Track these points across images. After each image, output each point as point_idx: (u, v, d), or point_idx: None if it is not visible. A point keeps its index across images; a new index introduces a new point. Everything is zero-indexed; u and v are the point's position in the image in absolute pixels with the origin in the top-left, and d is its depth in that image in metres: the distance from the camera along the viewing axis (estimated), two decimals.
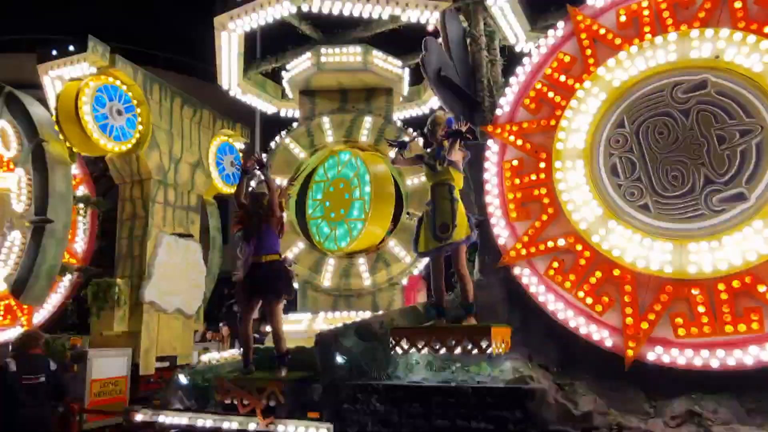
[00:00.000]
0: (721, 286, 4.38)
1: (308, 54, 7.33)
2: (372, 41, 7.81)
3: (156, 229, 8.27)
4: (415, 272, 7.79)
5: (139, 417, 6.16)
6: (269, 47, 8.36)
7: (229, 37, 7.11)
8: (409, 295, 9.26)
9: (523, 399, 4.42)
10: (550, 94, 5.45)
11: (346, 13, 6.62)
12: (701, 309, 4.41)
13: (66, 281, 8.33)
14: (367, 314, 6.78)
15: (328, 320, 6.99)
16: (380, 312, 6.53)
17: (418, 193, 7.42)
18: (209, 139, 9.74)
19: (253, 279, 5.70)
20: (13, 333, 7.99)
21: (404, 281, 7.71)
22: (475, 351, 4.66)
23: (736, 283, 4.34)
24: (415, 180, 7.52)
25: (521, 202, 5.45)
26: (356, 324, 5.45)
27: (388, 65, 7.62)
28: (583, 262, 4.97)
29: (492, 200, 5.56)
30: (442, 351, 4.81)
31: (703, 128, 4.71)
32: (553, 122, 5.37)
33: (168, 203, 8.60)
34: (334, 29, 7.62)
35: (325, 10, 6.59)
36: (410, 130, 7.74)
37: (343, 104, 7.86)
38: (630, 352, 4.62)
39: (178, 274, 8.42)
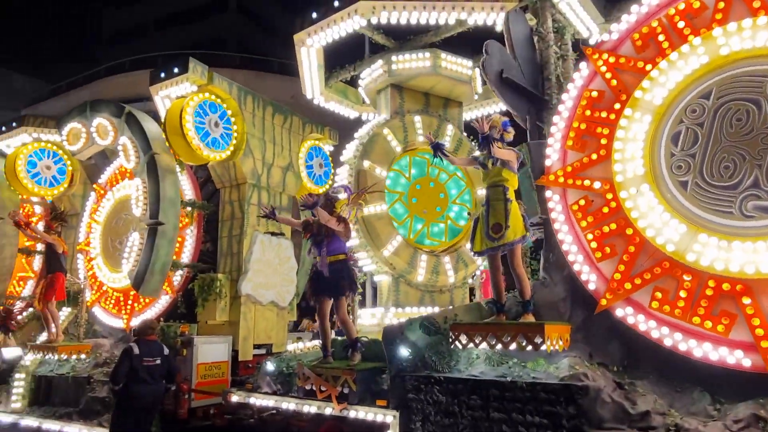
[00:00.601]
0: (711, 283, 4.52)
1: (380, 62, 7.72)
2: (445, 44, 8.07)
3: (251, 228, 9.12)
4: None
5: (234, 398, 6.96)
6: (349, 55, 8.83)
7: (308, 52, 7.69)
8: (486, 290, 9.43)
9: (576, 396, 4.53)
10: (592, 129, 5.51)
11: (413, 21, 6.93)
12: (683, 294, 4.61)
13: (178, 276, 9.41)
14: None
15: (398, 315, 7.41)
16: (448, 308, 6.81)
17: None
18: (299, 143, 10.45)
19: (320, 279, 6.26)
20: (161, 304, 9.28)
21: (478, 276, 7.94)
22: (530, 347, 4.83)
23: (726, 286, 4.45)
24: None
25: (582, 136, 5.58)
26: (421, 318, 5.79)
27: (458, 66, 7.81)
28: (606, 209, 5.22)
29: (569, 247, 5.48)
30: (498, 346, 5.02)
31: None
32: (603, 152, 5.39)
33: (262, 205, 9.42)
34: (406, 36, 7.94)
35: (393, 21, 6.95)
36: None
37: (426, 107, 8.20)
38: (603, 302, 5.02)
39: (271, 269, 9.22)
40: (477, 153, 5.83)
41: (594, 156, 5.44)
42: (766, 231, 4.42)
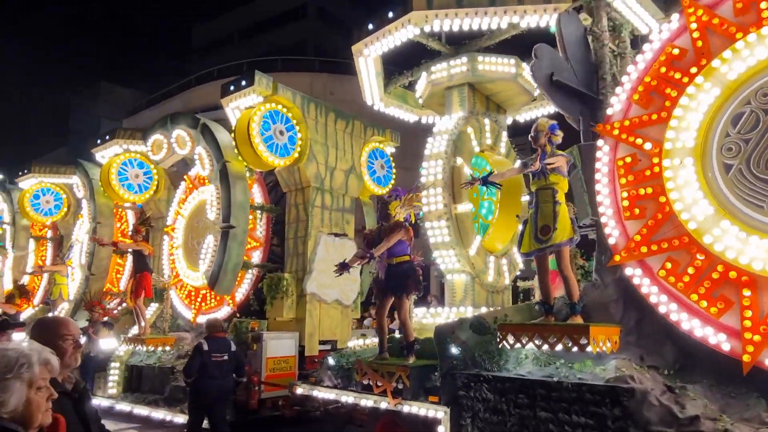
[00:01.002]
0: (720, 268, 4.64)
1: (463, 58, 7.80)
2: (501, 46, 8.12)
3: (315, 230, 9.59)
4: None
5: (299, 391, 7.41)
6: (406, 62, 9.05)
7: (366, 62, 8.00)
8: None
9: (622, 397, 4.57)
10: (662, 88, 5.35)
11: (465, 28, 7.06)
12: (690, 270, 4.79)
13: (250, 276, 10.05)
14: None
15: (459, 314, 7.55)
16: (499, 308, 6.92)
17: None
18: (361, 146, 10.84)
19: (386, 278, 6.54)
20: (222, 312, 10.01)
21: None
22: (575, 349, 4.90)
23: (732, 274, 4.55)
24: None
25: (635, 201, 5.43)
26: (472, 318, 5.96)
27: (504, 67, 7.82)
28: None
29: (603, 199, 5.61)
30: (544, 347, 5.13)
31: None
32: (664, 114, 5.29)
33: (325, 207, 9.88)
34: (462, 41, 8.06)
35: (446, 28, 7.12)
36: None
37: (487, 111, 8.32)
38: (617, 257, 5.10)
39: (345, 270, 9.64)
40: (520, 162, 5.90)
41: (654, 116, 5.33)
42: None
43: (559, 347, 5.02)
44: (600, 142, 5.72)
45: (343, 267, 6.50)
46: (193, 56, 37.67)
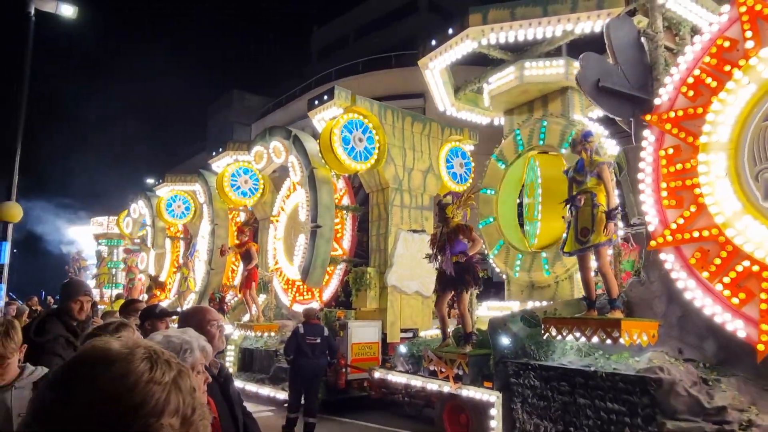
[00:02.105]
0: (745, 261, 4.82)
1: (512, 68, 8.23)
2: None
3: (395, 227, 10.41)
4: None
5: (376, 374, 8.30)
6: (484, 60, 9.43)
7: (432, 74, 8.61)
8: None
9: (650, 387, 4.92)
10: (709, 80, 5.38)
11: (520, 38, 7.44)
12: (717, 261, 5.03)
13: (339, 270, 11.11)
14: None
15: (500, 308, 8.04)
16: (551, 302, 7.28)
17: None
18: (438, 146, 11.47)
19: (445, 274, 7.20)
20: (315, 303, 11.22)
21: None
22: (609, 341, 5.29)
23: (755, 267, 4.72)
24: None
25: (675, 190, 5.52)
26: (523, 311, 6.46)
27: (553, 69, 8.03)
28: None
29: (645, 188, 5.73)
30: (582, 339, 5.55)
31: None
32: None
33: (404, 205, 10.66)
34: (524, 48, 8.38)
35: (501, 41, 7.54)
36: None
37: (530, 114, 8.65)
38: (653, 243, 5.28)
39: (414, 263, 10.41)
40: (567, 168, 6.24)
41: (700, 110, 5.39)
42: None
43: (594, 339, 5.42)
44: (646, 132, 5.85)
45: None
46: (312, 60, 39.41)
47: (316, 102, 10.32)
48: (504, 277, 8.35)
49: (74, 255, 30.15)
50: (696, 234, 5.21)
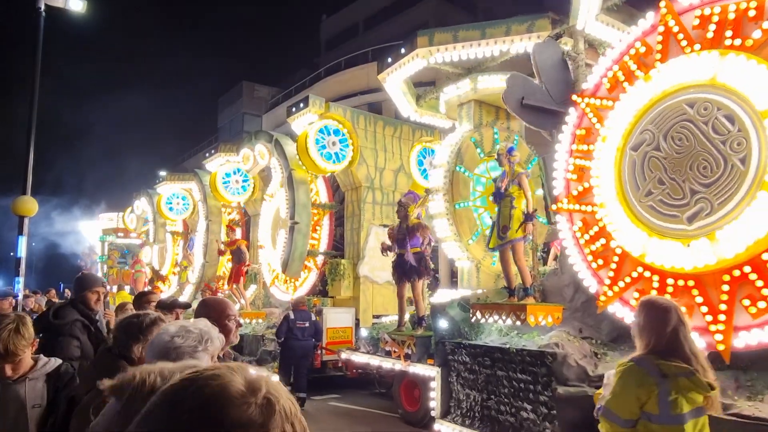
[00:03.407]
0: (670, 280, 5.34)
1: (467, 80, 9.13)
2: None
3: (367, 222, 11.40)
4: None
5: (343, 355, 9.35)
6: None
7: (392, 87, 9.54)
8: None
9: (546, 359, 5.91)
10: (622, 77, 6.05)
11: (463, 58, 8.35)
12: (591, 232, 5.91)
13: (319, 261, 12.14)
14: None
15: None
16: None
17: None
18: (409, 147, 12.41)
19: (403, 265, 8.22)
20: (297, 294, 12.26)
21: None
22: (518, 323, 6.29)
23: (680, 282, 5.23)
24: None
25: (579, 168, 6.34)
26: (459, 298, 7.46)
27: (500, 83, 8.90)
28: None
29: (559, 158, 6.57)
30: (499, 321, 6.55)
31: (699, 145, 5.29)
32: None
33: (376, 202, 11.63)
34: (474, 63, 9.28)
35: (447, 59, 8.46)
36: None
37: (497, 120, 9.57)
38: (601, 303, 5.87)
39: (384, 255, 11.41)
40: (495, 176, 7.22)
41: (611, 102, 6.09)
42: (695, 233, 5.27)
43: (508, 322, 6.43)
44: (571, 110, 6.61)
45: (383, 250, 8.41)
46: (322, 50, 38.48)
47: (294, 109, 11.29)
48: (473, 264, 9.26)
49: (86, 249, 31.25)
50: (583, 207, 6.10)
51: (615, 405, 2.88)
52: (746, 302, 4.84)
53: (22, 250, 10.66)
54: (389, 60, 9.00)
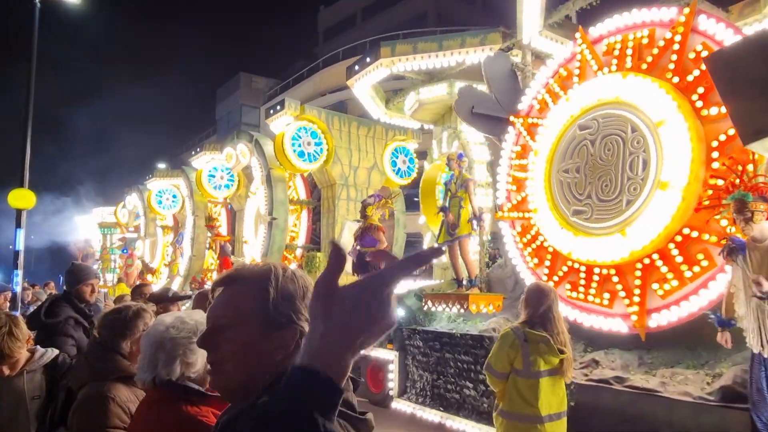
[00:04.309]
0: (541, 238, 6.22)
1: (413, 93, 9.82)
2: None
3: (341, 218, 12.04)
4: None
5: None
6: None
7: (359, 92, 10.18)
8: None
9: (484, 342, 6.62)
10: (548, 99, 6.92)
11: (423, 67, 9.01)
12: (528, 236, 6.61)
13: (298, 255, 12.80)
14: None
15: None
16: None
17: None
18: (383, 146, 13.04)
19: (361, 261, 8.88)
20: None
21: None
22: (462, 310, 6.99)
23: (546, 243, 6.12)
24: None
25: (517, 180, 7.13)
26: (415, 289, 8.16)
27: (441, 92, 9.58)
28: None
29: (501, 172, 7.35)
30: (447, 309, 7.25)
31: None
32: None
33: (350, 199, 12.28)
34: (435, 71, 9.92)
35: (409, 68, 9.10)
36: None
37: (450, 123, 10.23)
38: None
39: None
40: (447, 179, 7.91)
41: (540, 121, 6.88)
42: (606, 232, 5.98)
43: (455, 310, 7.13)
44: (510, 129, 7.36)
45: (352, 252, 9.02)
46: (320, 40, 38.13)
47: (271, 111, 11.89)
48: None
49: (81, 243, 31.60)
50: (522, 214, 6.84)
51: (493, 361, 3.64)
52: (655, 286, 5.59)
53: (20, 243, 11.03)
54: (356, 68, 9.63)
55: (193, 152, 16.82)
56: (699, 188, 5.19)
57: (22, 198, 10.62)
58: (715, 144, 5.02)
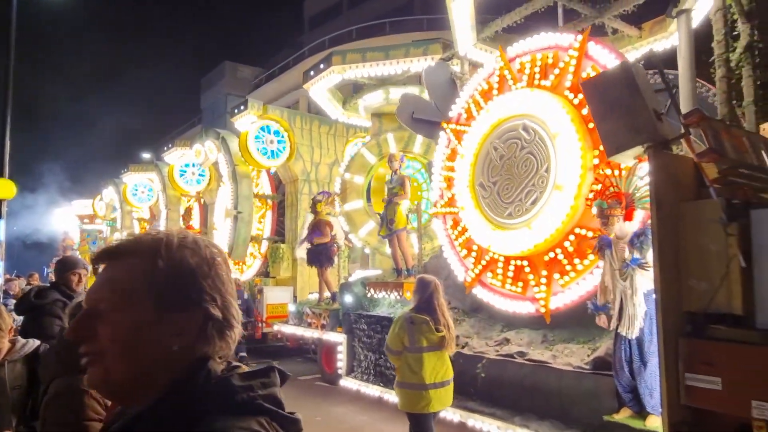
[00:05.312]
0: (512, 261, 6.75)
1: (360, 100, 10.56)
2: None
3: (303, 211, 12.74)
4: None
5: (275, 327, 10.79)
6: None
7: (316, 95, 10.87)
8: None
9: None
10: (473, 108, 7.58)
11: (372, 74, 9.70)
12: (458, 229, 7.17)
13: (264, 246, 13.50)
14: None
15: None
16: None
17: None
18: (344, 143, 13.75)
19: (312, 253, 9.63)
20: (246, 275, 13.61)
21: None
22: (400, 296, 7.78)
23: (518, 262, 6.64)
24: None
25: (448, 179, 7.84)
26: (362, 278, 8.93)
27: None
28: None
29: (435, 174, 8.03)
30: (387, 296, 8.04)
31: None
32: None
33: (312, 193, 12.94)
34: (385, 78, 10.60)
35: (359, 75, 9.80)
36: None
37: (400, 125, 10.95)
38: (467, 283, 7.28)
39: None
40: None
41: (466, 128, 7.57)
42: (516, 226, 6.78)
43: (393, 296, 7.92)
44: (442, 133, 8.01)
45: (302, 242, 9.76)
46: (305, 29, 36.94)
47: (236, 111, 12.52)
48: (372, 250, 10.74)
49: (62, 235, 31.68)
50: (452, 209, 7.56)
51: (390, 341, 4.43)
52: (557, 276, 6.41)
53: (2, 234, 11.27)
54: (311, 73, 10.30)
55: (165, 147, 17.34)
56: (587, 190, 6.01)
57: (2, 188, 10.83)
58: (596, 152, 5.84)
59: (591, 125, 6.00)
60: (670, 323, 4.16)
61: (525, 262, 6.78)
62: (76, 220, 29.30)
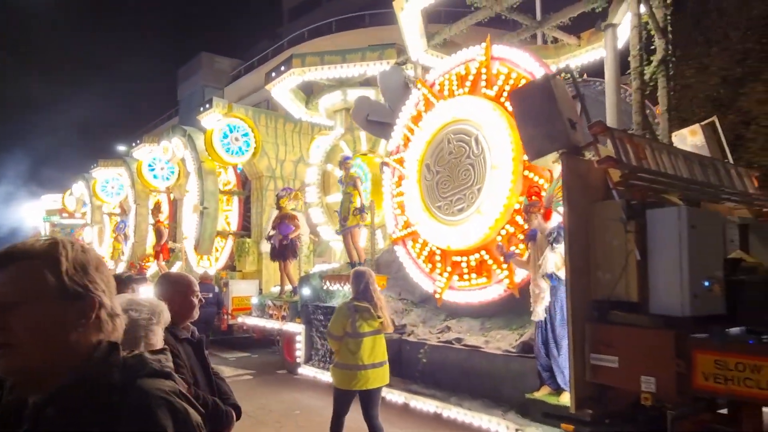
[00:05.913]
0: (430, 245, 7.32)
1: (338, 92, 10.88)
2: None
3: (268, 207, 13.07)
4: None
5: (239, 319, 11.15)
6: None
7: (278, 95, 11.20)
8: None
9: None
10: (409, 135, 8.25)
11: (330, 76, 10.10)
12: (418, 246, 7.70)
13: (230, 241, 13.81)
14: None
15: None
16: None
17: None
18: (308, 140, 14.08)
19: (278, 247, 10.02)
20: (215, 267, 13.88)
21: None
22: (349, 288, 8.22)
23: (434, 248, 7.25)
24: None
25: (400, 203, 8.37)
26: (320, 271, 9.36)
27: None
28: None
29: (387, 202, 8.53)
30: (341, 288, 8.49)
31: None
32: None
33: (277, 189, 13.33)
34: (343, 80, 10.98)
35: (319, 77, 10.19)
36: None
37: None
38: (437, 295, 7.74)
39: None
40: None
41: (404, 154, 8.24)
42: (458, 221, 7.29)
43: (347, 288, 8.35)
44: (386, 169, 8.60)
45: (269, 238, 10.12)
46: (284, 20, 36.19)
47: (201, 109, 12.78)
48: (331, 246, 11.18)
49: (30, 230, 31.26)
50: (409, 230, 8.03)
51: (331, 327, 4.87)
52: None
53: None
54: (273, 75, 10.63)
55: (133, 143, 17.45)
56: (521, 166, 6.54)
57: None
58: None
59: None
60: (578, 310, 4.70)
61: (483, 252, 7.20)
62: (43, 214, 28.90)
